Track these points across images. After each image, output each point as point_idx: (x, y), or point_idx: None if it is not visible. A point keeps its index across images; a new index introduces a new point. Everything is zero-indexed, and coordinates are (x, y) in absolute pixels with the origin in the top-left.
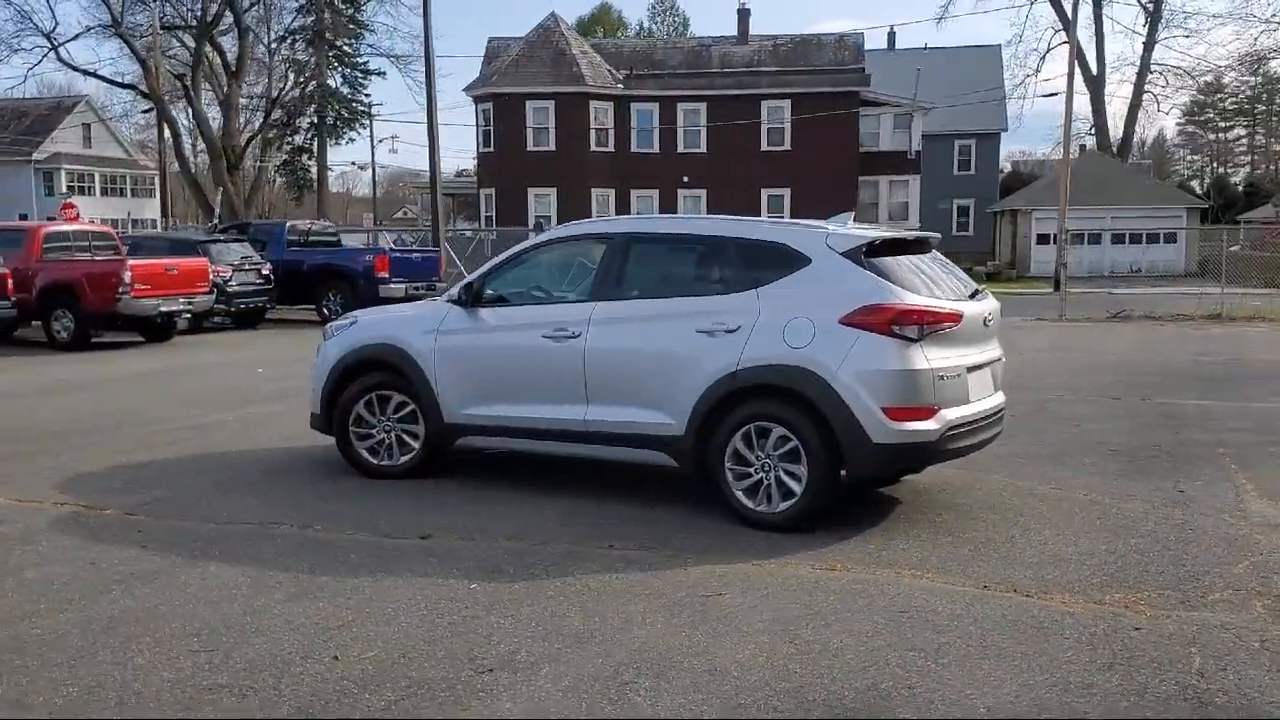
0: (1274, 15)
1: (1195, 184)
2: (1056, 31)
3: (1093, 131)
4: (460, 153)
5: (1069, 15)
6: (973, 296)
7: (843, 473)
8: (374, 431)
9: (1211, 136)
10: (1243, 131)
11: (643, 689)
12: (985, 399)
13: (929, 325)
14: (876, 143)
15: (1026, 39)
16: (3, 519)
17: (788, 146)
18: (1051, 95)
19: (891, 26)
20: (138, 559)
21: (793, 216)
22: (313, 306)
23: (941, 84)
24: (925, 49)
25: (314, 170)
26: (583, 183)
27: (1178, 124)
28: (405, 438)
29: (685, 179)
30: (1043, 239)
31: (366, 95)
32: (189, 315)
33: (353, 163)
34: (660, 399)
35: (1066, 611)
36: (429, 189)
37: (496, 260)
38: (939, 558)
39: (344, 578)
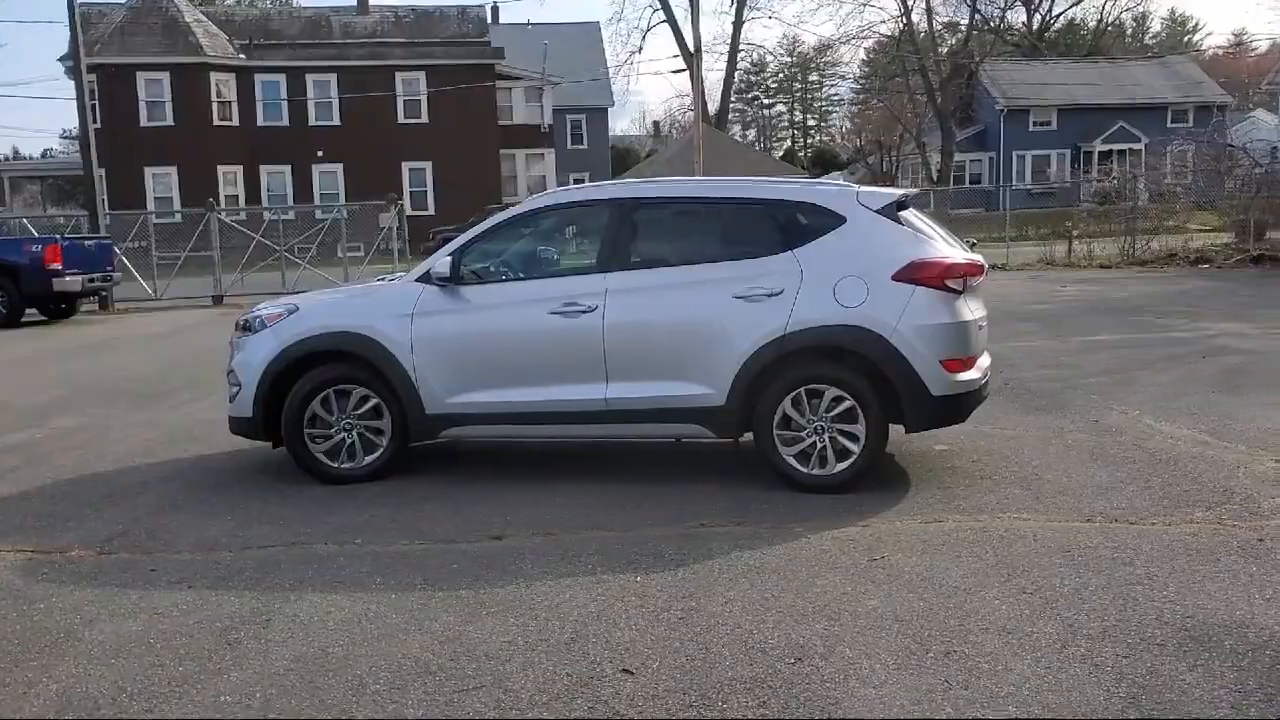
0: None
1: None
2: (655, 10)
3: (692, 107)
4: (40, 132)
5: None
6: (970, 249)
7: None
8: (332, 432)
9: (761, 112)
10: (784, 108)
11: (977, 656)
12: (986, 350)
13: (969, 278)
14: (510, 116)
15: (628, 17)
16: None
17: (425, 119)
18: (680, 71)
19: (495, 2)
20: (205, 603)
21: (436, 191)
22: None
23: (549, 60)
24: (529, 25)
25: None
26: (207, 159)
27: (730, 101)
28: (369, 436)
29: (320, 153)
30: None
31: None
32: None
33: None
34: (695, 370)
35: (1187, 533)
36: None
37: (473, 234)
38: (1011, 501)
39: (491, 589)
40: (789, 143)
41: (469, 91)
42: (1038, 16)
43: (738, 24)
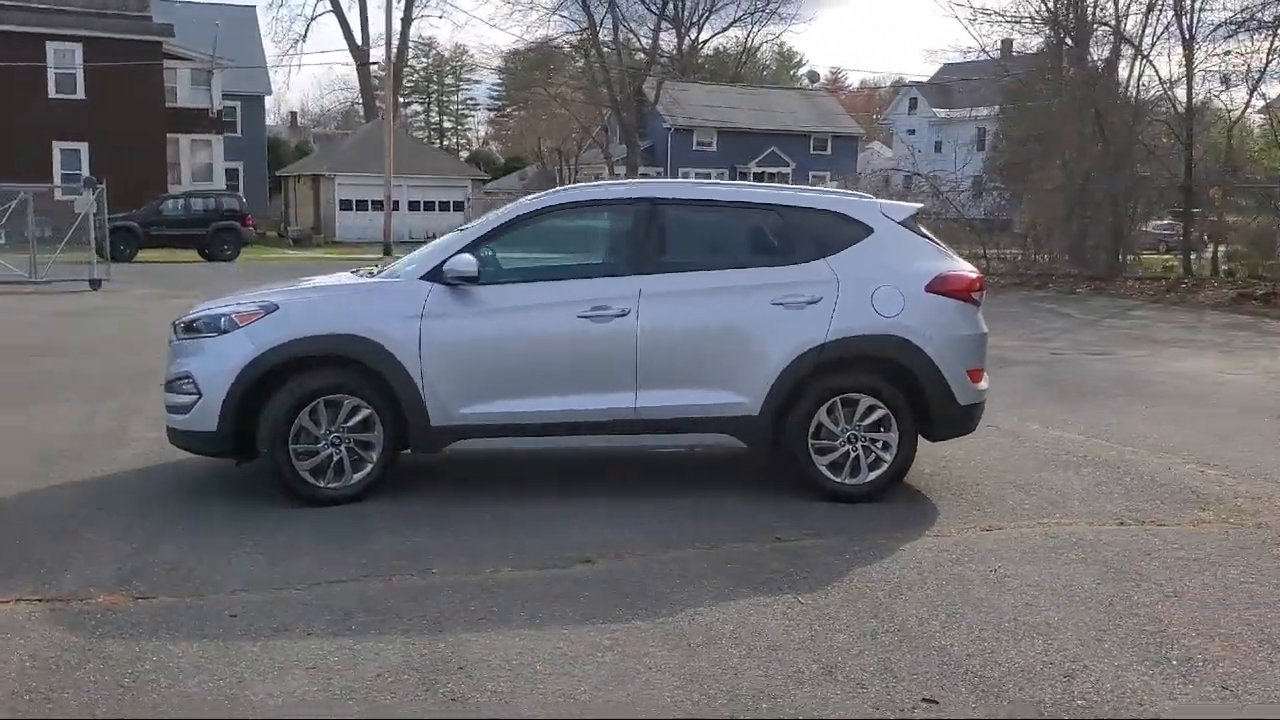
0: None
1: None
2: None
3: (360, 101)
4: None
5: None
6: None
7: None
8: (319, 447)
9: (399, 111)
10: (420, 108)
11: (1217, 660)
12: None
13: (983, 291)
14: (175, 99)
15: (291, 3)
16: None
17: (82, 96)
18: (372, 64)
19: None
20: (354, 653)
21: (95, 173)
22: None
23: (196, 41)
24: (177, 2)
25: None
26: None
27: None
28: (358, 451)
29: None
30: (347, 205)
31: None
32: None
33: None
34: (730, 378)
35: (1223, 533)
36: None
37: (483, 230)
38: (1034, 506)
39: (659, 619)
40: (425, 139)
41: (132, 69)
42: (687, 41)
43: (406, 20)
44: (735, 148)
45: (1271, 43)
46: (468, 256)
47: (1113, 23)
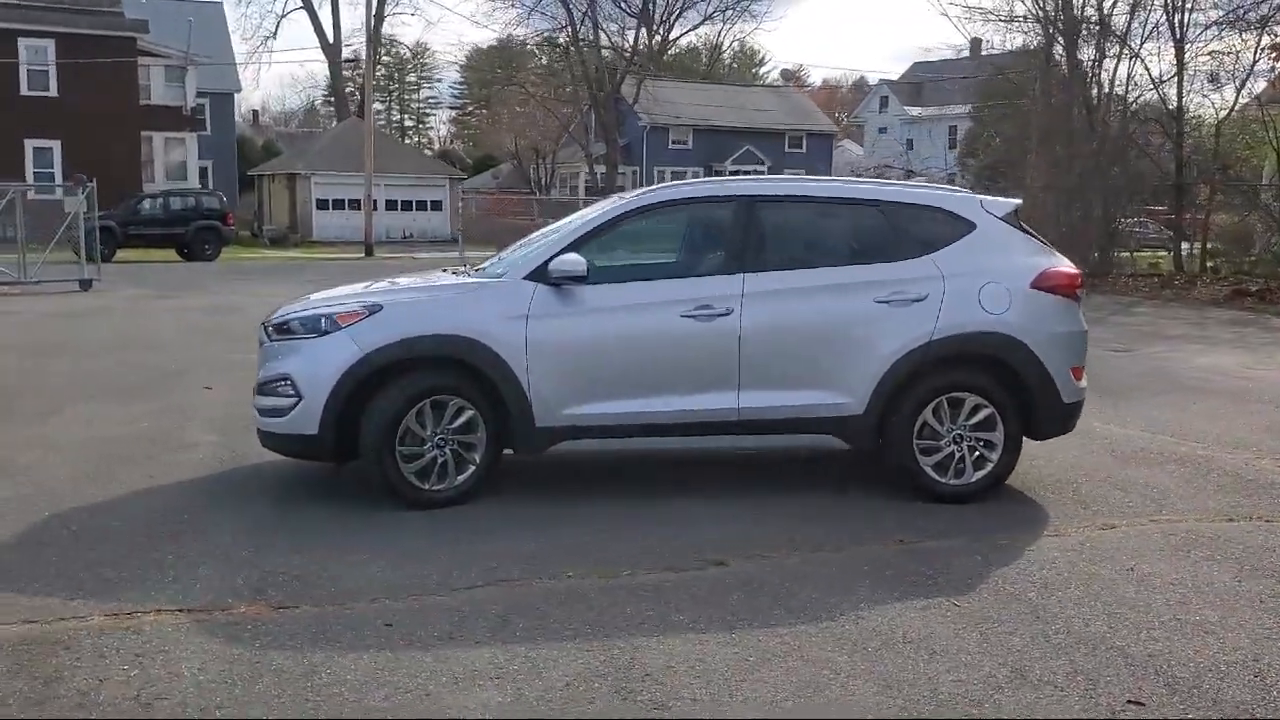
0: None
1: None
2: None
3: (331, 99)
4: None
5: None
6: None
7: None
8: (424, 449)
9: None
10: (381, 106)
11: None
12: None
13: (1084, 287)
14: (149, 96)
15: (260, 0)
16: (155, 644)
17: (55, 93)
18: (348, 61)
19: None
20: (531, 661)
21: (68, 171)
22: None
23: (165, 37)
24: None
25: None
26: None
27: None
28: (461, 453)
29: None
30: (324, 204)
31: None
32: None
33: None
34: (833, 378)
35: None
36: None
37: (583, 230)
38: (1141, 503)
39: (821, 622)
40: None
41: (106, 66)
42: (657, 38)
43: (379, 18)
44: (711, 146)
45: (1259, 41)
46: (575, 255)
47: (1100, 21)
